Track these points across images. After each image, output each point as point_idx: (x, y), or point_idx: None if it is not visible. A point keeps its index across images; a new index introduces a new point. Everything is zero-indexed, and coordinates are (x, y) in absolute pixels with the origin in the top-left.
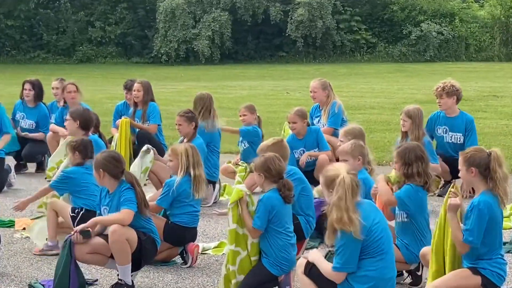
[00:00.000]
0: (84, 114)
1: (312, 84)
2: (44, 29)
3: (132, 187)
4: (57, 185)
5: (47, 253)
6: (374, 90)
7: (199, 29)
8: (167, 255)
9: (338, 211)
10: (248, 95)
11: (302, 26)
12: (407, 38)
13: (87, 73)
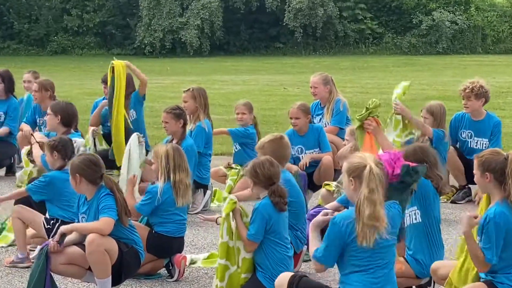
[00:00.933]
0: (67, 109)
1: (313, 79)
2: (15, 17)
3: (112, 193)
4: (35, 190)
5: (18, 265)
6: (380, 85)
7: (186, 18)
8: (152, 267)
9: (371, 205)
10: (241, 90)
11: (301, 15)
12: (417, 28)
13: (62, 65)
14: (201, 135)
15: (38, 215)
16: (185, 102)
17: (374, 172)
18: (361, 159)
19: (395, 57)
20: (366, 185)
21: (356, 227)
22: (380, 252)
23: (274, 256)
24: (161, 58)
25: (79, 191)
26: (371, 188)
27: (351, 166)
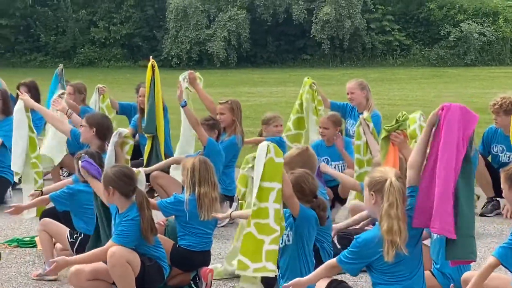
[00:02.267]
0: (102, 122)
1: (349, 85)
2: (42, 29)
3: (141, 210)
4: (58, 200)
5: (45, 278)
6: (408, 97)
7: (213, 29)
8: (180, 280)
9: (389, 220)
10: (268, 102)
11: (328, 27)
12: (445, 40)
13: (89, 77)
14: (231, 150)
15: (64, 228)
16: (221, 114)
17: (394, 185)
18: (382, 173)
19: (423, 68)
20: (386, 199)
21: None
22: (402, 265)
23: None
24: (188, 69)
25: (111, 202)
26: (391, 202)
27: (372, 180)
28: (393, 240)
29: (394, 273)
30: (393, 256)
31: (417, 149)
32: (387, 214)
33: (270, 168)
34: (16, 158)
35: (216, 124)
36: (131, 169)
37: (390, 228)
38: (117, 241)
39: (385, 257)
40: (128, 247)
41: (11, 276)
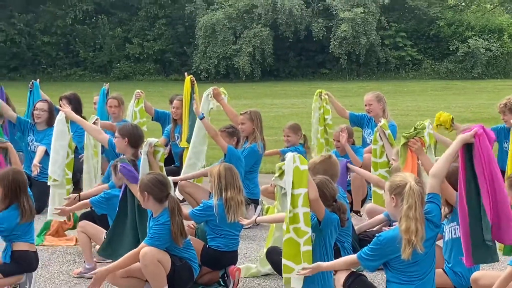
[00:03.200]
0: (133, 131)
1: (367, 97)
2: (80, 45)
3: (172, 216)
4: (98, 204)
5: (85, 275)
6: (420, 108)
7: (239, 45)
8: (209, 278)
9: (407, 221)
10: (290, 113)
11: (345, 43)
12: (454, 55)
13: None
14: (252, 156)
15: (100, 230)
16: (242, 124)
17: (413, 189)
18: (402, 178)
19: (433, 81)
20: (406, 201)
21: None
22: (417, 265)
23: None
24: (215, 83)
25: (146, 206)
26: (410, 204)
27: (393, 184)
28: (410, 239)
29: (408, 273)
30: (410, 254)
31: (444, 161)
32: (406, 215)
33: (297, 175)
34: (56, 166)
35: (235, 132)
36: (165, 176)
37: (407, 227)
38: (149, 243)
39: (402, 254)
40: (160, 248)
41: (53, 274)
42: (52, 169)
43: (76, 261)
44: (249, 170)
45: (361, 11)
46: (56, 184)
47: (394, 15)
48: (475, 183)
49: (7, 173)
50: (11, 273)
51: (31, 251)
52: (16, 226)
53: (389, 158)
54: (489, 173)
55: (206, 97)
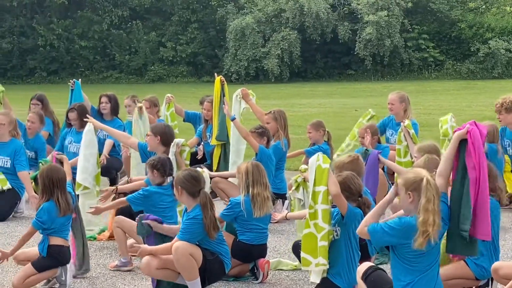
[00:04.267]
0: (165, 130)
1: (391, 97)
2: (116, 49)
3: (204, 209)
4: (134, 200)
5: (121, 269)
6: (442, 107)
7: (268, 48)
8: (239, 270)
9: (426, 213)
10: (317, 112)
11: (370, 45)
12: (475, 56)
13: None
14: (276, 153)
15: (134, 224)
16: (268, 123)
17: (431, 182)
18: (417, 173)
19: (455, 81)
20: (424, 195)
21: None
22: (423, 257)
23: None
24: (246, 84)
25: (180, 200)
26: (428, 198)
27: (408, 180)
28: (427, 230)
29: (414, 262)
30: (424, 244)
31: (446, 160)
32: (425, 209)
33: (318, 173)
34: (87, 174)
35: (265, 132)
36: (199, 172)
37: (425, 220)
38: (180, 238)
39: (415, 244)
40: (191, 243)
41: (90, 267)
42: (83, 177)
43: (112, 254)
44: (276, 166)
45: (385, 14)
46: (86, 193)
47: (417, 18)
48: (462, 174)
49: (42, 170)
50: (46, 268)
51: (65, 246)
52: (56, 219)
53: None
54: (479, 166)
55: (235, 98)
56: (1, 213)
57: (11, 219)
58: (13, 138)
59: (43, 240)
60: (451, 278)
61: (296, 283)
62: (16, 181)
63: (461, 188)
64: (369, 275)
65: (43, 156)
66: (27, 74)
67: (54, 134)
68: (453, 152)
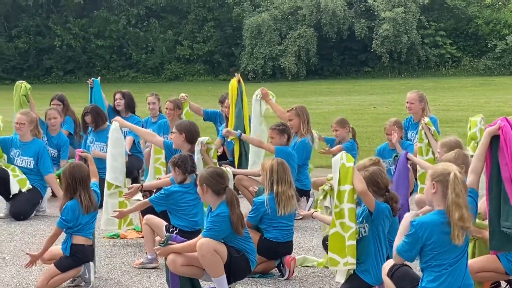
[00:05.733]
0: (190, 128)
1: (410, 95)
2: (133, 48)
3: (231, 206)
4: (156, 201)
5: (147, 266)
6: (460, 103)
7: (285, 46)
8: (265, 267)
9: (458, 209)
10: (335, 110)
11: (387, 42)
12: (492, 52)
13: (176, 90)
14: (304, 149)
15: (162, 223)
16: (290, 120)
17: (458, 177)
18: (445, 166)
19: (472, 78)
20: (452, 190)
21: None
22: (453, 250)
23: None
24: (262, 83)
25: (204, 199)
26: (457, 193)
27: (436, 171)
28: (465, 226)
29: (438, 259)
30: (462, 240)
31: (478, 157)
32: (456, 204)
33: (343, 172)
34: (117, 173)
35: (285, 129)
36: (224, 170)
37: (461, 216)
38: (204, 235)
39: (455, 240)
40: (216, 239)
41: (115, 265)
42: (113, 176)
43: (136, 252)
44: (302, 163)
45: (402, 11)
46: (111, 193)
47: (434, 15)
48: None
49: (65, 169)
50: (68, 267)
51: (88, 245)
52: (80, 217)
53: (434, 153)
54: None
55: (255, 98)
56: (23, 212)
57: (34, 217)
58: (35, 138)
59: (66, 240)
60: (480, 271)
61: (322, 280)
62: (39, 181)
63: (498, 185)
64: (395, 272)
65: (65, 153)
66: (43, 74)
67: (75, 133)
68: (485, 148)
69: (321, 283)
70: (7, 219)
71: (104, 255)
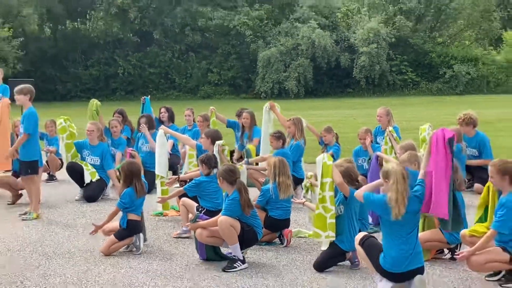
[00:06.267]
0: (214, 134)
1: (379, 111)
2: (176, 74)
3: (240, 193)
4: (189, 189)
5: (182, 236)
6: (418, 116)
7: (288, 73)
8: (269, 238)
9: (393, 193)
10: (325, 120)
11: (364, 70)
12: (442, 77)
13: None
14: (298, 150)
15: (194, 204)
16: (289, 127)
17: (396, 170)
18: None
19: (427, 97)
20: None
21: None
22: (405, 224)
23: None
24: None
25: (222, 187)
26: (393, 180)
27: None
28: (393, 205)
29: (395, 230)
30: (398, 216)
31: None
32: (392, 189)
33: (325, 168)
34: (162, 167)
35: (281, 136)
36: (235, 166)
37: (392, 198)
38: (223, 214)
39: (391, 216)
40: (232, 217)
41: (159, 235)
42: (159, 169)
43: (175, 226)
44: (297, 160)
45: (375, 47)
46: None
47: (399, 50)
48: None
49: (123, 164)
50: (124, 237)
51: (138, 220)
52: (134, 200)
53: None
54: (434, 163)
55: (265, 109)
56: (93, 196)
57: (100, 200)
58: (101, 142)
59: (123, 217)
60: (428, 241)
61: (311, 247)
62: (104, 174)
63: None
64: (365, 241)
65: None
66: (110, 94)
67: (131, 137)
68: (428, 151)
69: (311, 250)
70: (81, 201)
71: (150, 228)
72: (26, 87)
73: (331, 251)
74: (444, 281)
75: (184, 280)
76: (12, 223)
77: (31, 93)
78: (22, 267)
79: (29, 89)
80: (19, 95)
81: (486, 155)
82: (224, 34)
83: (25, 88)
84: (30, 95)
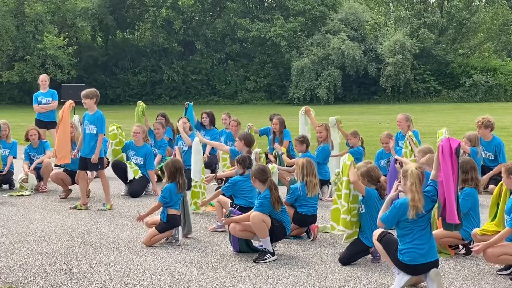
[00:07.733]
0: (247, 137)
1: (399, 116)
2: (217, 80)
3: (271, 191)
4: (226, 189)
5: (217, 230)
6: (439, 121)
7: (319, 81)
8: (297, 232)
9: (411, 193)
10: (353, 125)
11: (390, 79)
12: (463, 86)
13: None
14: (325, 152)
15: (228, 201)
16: (320, 132)
17: (413, 172)
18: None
19: (449, 104)
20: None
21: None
22: (419, 222)
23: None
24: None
25: (254, 186)
26: (411, 182)
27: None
28: (414, 205)
29: (410, 228)
30: (414, 215)
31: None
32: (410, 190)
33: (344, 167)
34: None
35: (304, 140)
36: (266, 166)
37: (412, 198)
38: (255, 210)
39: (409, 215)
40: (263, 213)
41: (196, 229)
42: (194, 174)
43: (211, 220)
44: (323, 161)
45: (400, 58)
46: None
47: (423, 60)
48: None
49: (167, 162)
50: (165, 230)
51: (177, 215)
52: (174, 196)
53: (415, 156)
54: (444, 172)
55: (301, 113)
56: (137, 191)
57: (143, 196)
58: (145, 144)
59: (163, 211)
60: (444, 238)
61: (336, 242)
62: (146, 172)
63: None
64: (383, 238)
65: (163, 150)
66: (156, 98)
67: (173, 138)
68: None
69: (335, 244)
70: (126, 196)
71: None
72: (92, 92)
73: (356, 247)
74: (458, 274)
75: (218, 270)
76: (62, 215)
77: (97, 97)
78: (71, 256)
79: (95, 93)
80: (86, 99)
81: (501, 159)
82: (261, 44)
83: (91, 92)
84: (96, 99)
